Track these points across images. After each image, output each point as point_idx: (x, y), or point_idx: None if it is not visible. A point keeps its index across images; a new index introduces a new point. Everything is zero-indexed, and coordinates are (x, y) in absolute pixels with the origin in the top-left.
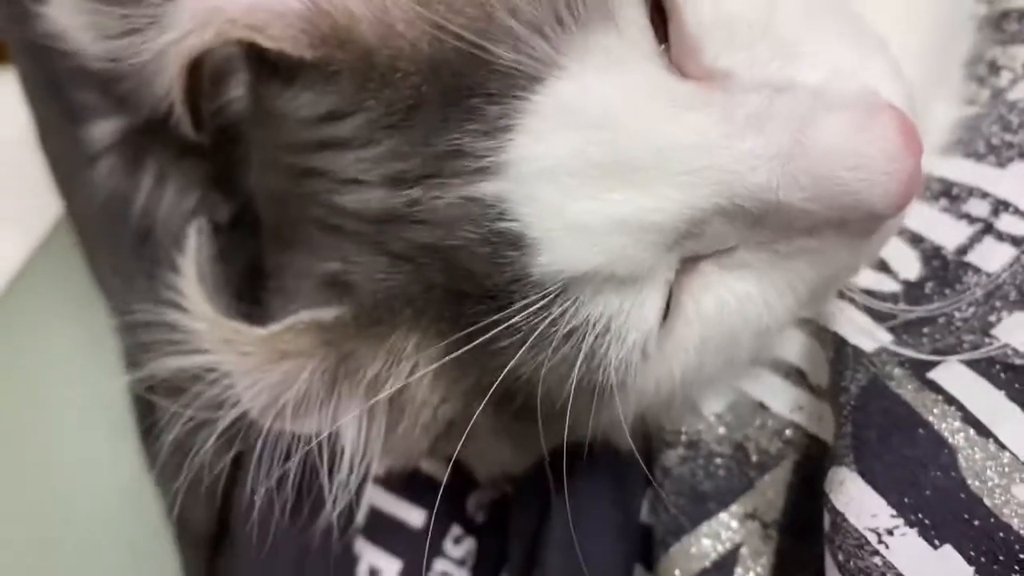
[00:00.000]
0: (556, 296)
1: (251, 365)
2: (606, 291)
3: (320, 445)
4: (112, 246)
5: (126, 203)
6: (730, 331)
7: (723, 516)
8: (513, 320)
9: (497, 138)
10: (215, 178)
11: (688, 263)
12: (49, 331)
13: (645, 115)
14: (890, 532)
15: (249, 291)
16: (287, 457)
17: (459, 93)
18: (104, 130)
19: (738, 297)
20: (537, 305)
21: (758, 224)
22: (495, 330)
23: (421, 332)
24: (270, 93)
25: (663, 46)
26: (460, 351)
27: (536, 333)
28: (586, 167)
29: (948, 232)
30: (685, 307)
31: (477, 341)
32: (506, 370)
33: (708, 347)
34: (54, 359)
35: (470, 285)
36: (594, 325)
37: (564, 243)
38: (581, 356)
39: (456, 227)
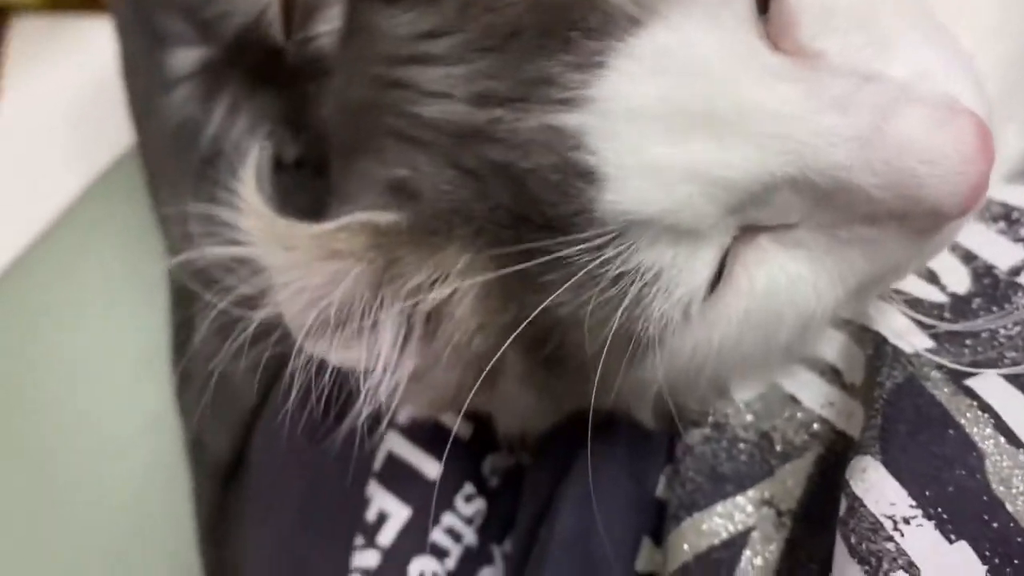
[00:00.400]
0: (614, 237)
1: (297, 260)
2: (663, 241)
3: None
4: (177, 171)
5: (197, 131)
6: (776, 310)
7: (739, 499)
8: (566, 252)
9: (589, 73)
10: (286, 115)
11: (747, 233)
12: (94, 261)
13: (736, 74)
14: (907, 521)
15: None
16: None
17: (559, 25)
18: (185, 58)
19: (790, 277)
20: (594, 242)
21: (824, 202)
22: (546, 257)
23: (474, 251)
24: (370, 9)
25: (763, 16)
26: (508, 269)
27: (585, 270)
28: (671, 113)
29: (1003, 253)
30: (736, 277)
31: (526, 264)
32: (548, 301)
33: (750, 322)
34: (96, 291)
35: (533, 211)
36: (644, 273)
37: (634, 183)
38: (625, 302)
39: (532, 151)
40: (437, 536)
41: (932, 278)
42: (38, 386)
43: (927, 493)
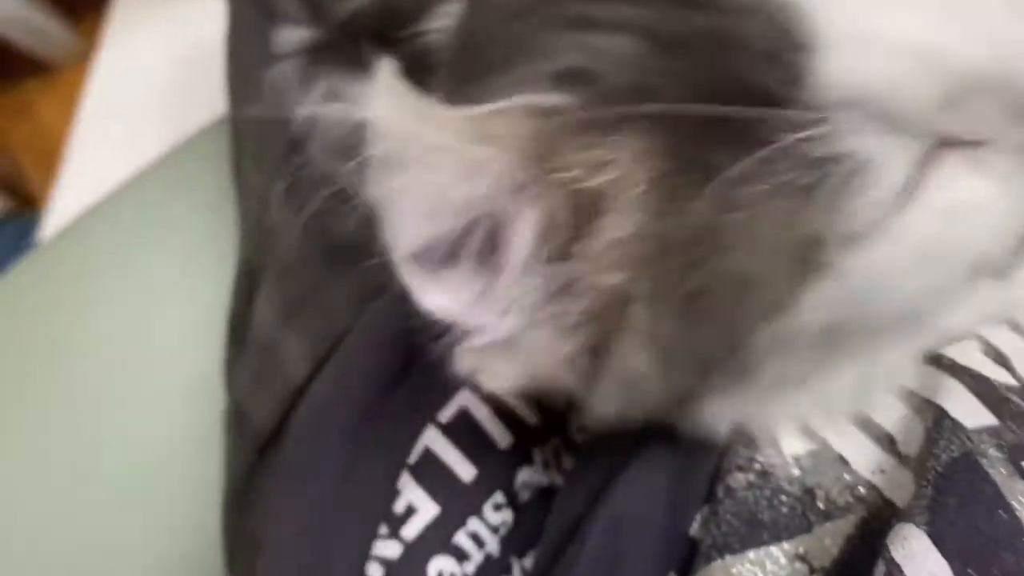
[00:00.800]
0: (820, 117)
1: (433, 138)
2: (870, 129)
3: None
4: (264, 146)
5: (291, 110)
6: (954, 239)
7: (773, 549)
8: (764, 126)
9: None
10: None
11: (940, 147)
12: (167, 222)
13: None
14: None
15: None
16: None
17: None
18: (291, 37)
19: (974, 202)
20: (797, 117)
21: (1018, 120)
22: (744, 118)
23: (653, 135)
24: None
25: None
26: (699, 108)
27: (776, 146)
28: None
29: None
30: (923, 191)
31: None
32: (733, 169)
33: (927, 248)
34: (164, 251)
35: (733, 85)
36: (844, 162)
37: (853, 54)
38: (818, 194)
39: (744, 16)
40: (461, 539)
41: (1002, 361)
42: (97, 332)
43: (969, 571)
